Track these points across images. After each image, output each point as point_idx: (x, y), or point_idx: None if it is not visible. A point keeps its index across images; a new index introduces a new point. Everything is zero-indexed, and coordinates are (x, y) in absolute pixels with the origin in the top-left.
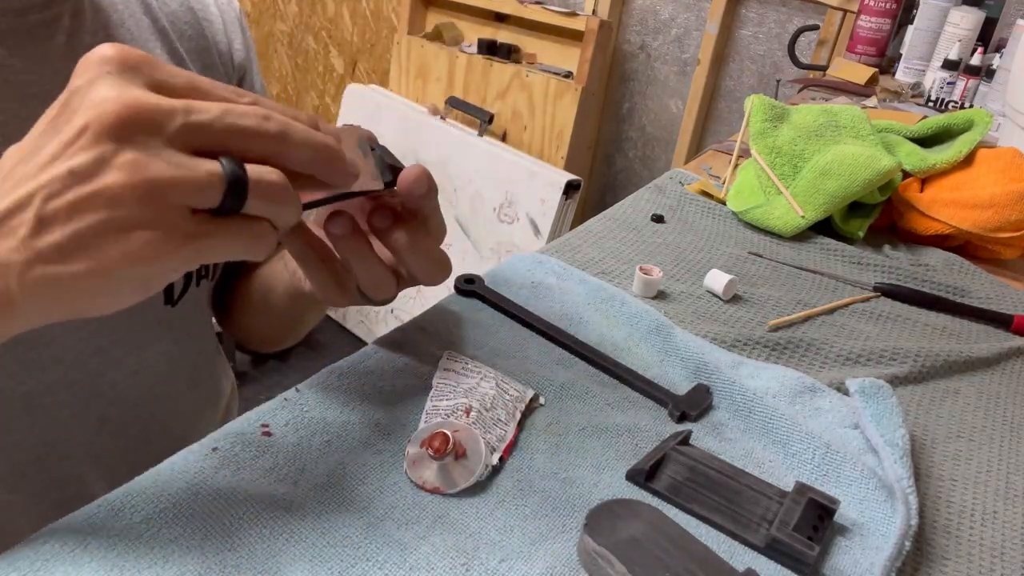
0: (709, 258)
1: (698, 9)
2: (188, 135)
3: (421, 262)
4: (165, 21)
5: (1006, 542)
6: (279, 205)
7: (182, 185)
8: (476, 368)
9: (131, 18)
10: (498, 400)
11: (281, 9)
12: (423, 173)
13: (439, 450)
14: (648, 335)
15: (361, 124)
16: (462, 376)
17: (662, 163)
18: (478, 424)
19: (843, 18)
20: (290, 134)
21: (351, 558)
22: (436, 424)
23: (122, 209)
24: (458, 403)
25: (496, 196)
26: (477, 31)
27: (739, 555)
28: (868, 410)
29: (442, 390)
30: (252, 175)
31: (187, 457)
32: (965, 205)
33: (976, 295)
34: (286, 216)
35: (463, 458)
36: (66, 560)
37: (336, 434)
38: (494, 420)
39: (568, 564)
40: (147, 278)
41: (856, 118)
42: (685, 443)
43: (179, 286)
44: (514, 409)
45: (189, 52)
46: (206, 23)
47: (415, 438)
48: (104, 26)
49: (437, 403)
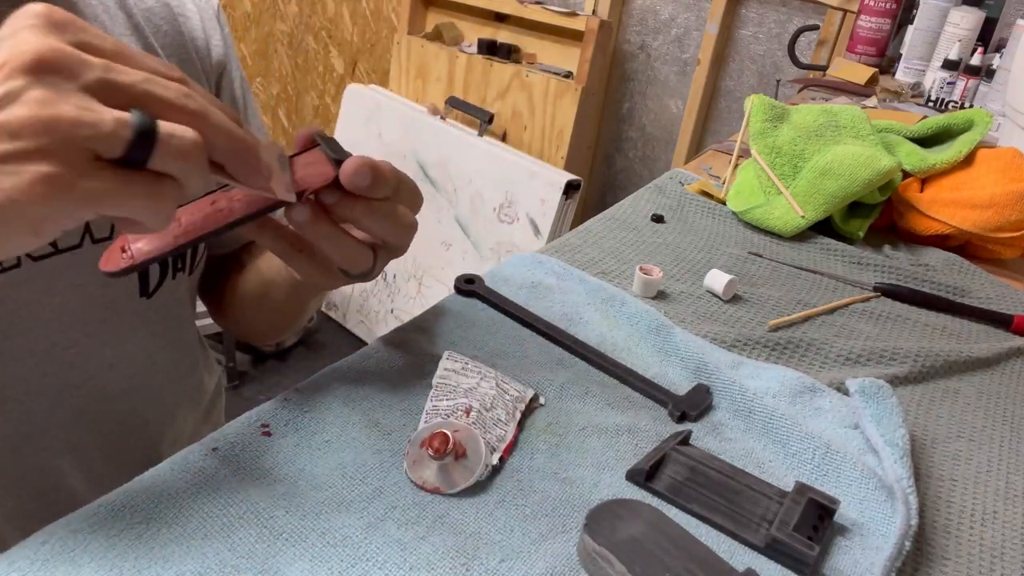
0: (709, 258)
1: (698, 9)
2: (104, 89)
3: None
4: (140, 17)
5: (1006, 542)
6: (187, 164)
7: (85, 126)
8: (476, 368)
9: (105, 13)
10: (498, 400)
11: (281, 9)
12: (362, 166)
13: (439, 450)
14: (648, 335)
15: (361, 124)
16: (462, 376)
17: (662, 163)
18: (478, 424)
19: (843, 18)
20: (208, 116)
21: (351, 558)
22: (436, 424)
23: (20, 141)
24: (458, 403)
25: (496, 196)
26: (477, 31)
27: (739, 555)
28: (868, 410)
29: (442, 390)
30: (163, 128)
31: (187, 457)
32: (965, 205)
33: (976, 295)
34: (193, 179)
35: (463, 458)
36: (66, 560)
37: (336, 434)
38: (494, 420)
39: (568, 564)
40: (38, 220)
41: (856, 118)
42: (685, 443)
43: (154, 278)
44: (514, 409)
45: (164, 47)
46: (182, 19)
47: (415, 438)
48: None
49: (437, 403)
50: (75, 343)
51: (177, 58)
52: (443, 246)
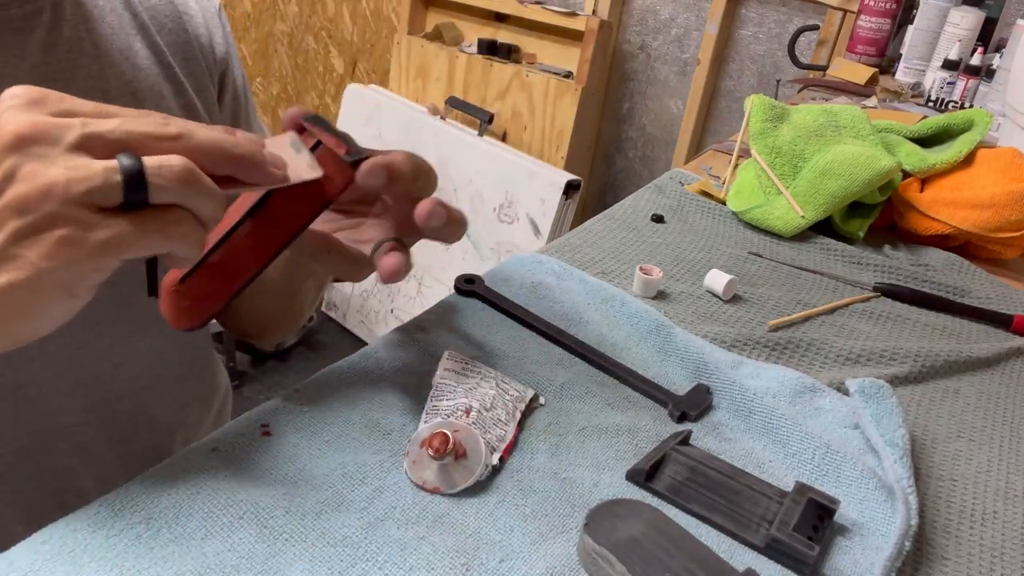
0: (709, 258)
1: (698, 9)
2: (86, 143)
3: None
4: (145, 16)
5: (1006, 542)
6: (188, 188)
7: (77, 182)
8: (476, 368)
9: (111, 13)
10: (498, 400)
11: (281, 9)
12: (376, 166)
13: (439, 450)
14: (648, 335)
15: (361, 124)
16: (462, 376)
17: (662, 163)
18: (478, 424)
19: (843, 18)
20: (192, 135)
21: (351, 558)
22: (436, 424)
23: (30, 215)
24: (458, 403)
25: (496, 196)
26: (477, 31)
27: (739, 555)
28: (868, 410)
29: (442, 390)
30: (149, 163)
31: (187, 457)
32: (965, 205)
33: (976, 295)
34: (201, 200)
35: (463, 458)
36: (66, 559)
37: (336, 434)
38: (494, 420)
39: (568, 564)
40: (69, 282)
41: (856, 118)
42: (685, 443)
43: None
44: (514, 409)
45: (169, 45)
46: (186, 17)
47: (415, 438)
48: (84, 20)
49: (437, 403)
50: (86, 343)
51: (182, 55)
52: (443, 246)
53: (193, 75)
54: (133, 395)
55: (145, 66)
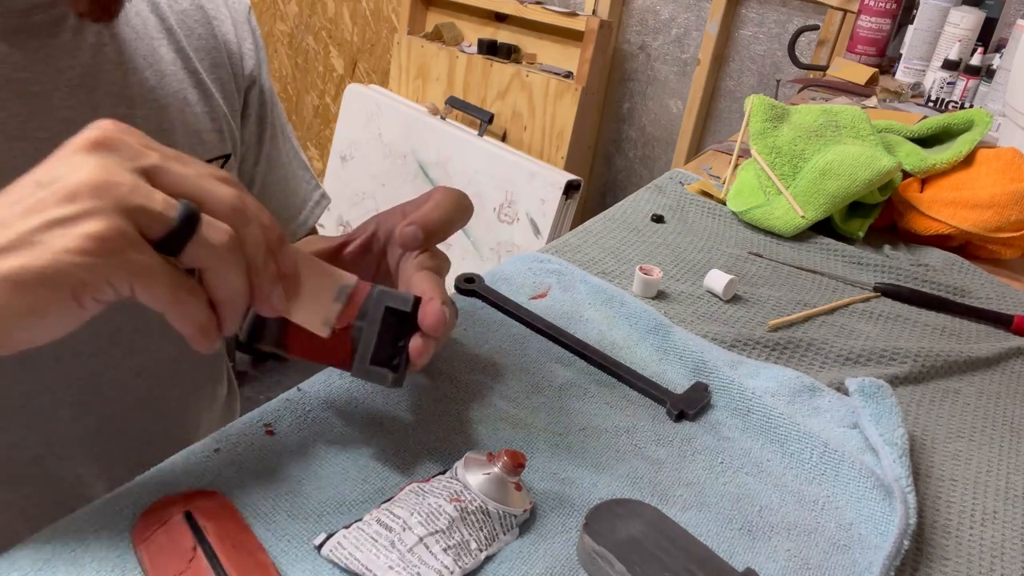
0: (709, 258)
1: (698, 9)
2: (159, 176)
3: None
4: (173, 20)
5: (1006, 542)
6: (223, 259)
7: (139, 195)
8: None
9: (137, 16)
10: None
11: (281, 9)
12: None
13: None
14: (647, 334)
15: (361, 124)
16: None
17: (662, 163)
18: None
19: (843, 18)
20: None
21: None
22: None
23: (76, 204)
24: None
25: (496, 196)
26: (477, 31)
27: (739, 555)
28: (867, 410)
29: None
30: (206, 219)
31: (189, 458)
32: (965, 205)
33: (976, 295)
34: (227, 275)
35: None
36: (67, 560)
37: (339, 434)
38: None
39: (568, 564)
40: (80, 285)
41: (856, 118)
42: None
43: None
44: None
45: (197, 51)
46: (216, 22)
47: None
48: (107, 24)
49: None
50: (101, 351)
51: (210, 60)
52: (443, 246)
53: (220, 81)
54: (147, 404)
55: (170, 72)
